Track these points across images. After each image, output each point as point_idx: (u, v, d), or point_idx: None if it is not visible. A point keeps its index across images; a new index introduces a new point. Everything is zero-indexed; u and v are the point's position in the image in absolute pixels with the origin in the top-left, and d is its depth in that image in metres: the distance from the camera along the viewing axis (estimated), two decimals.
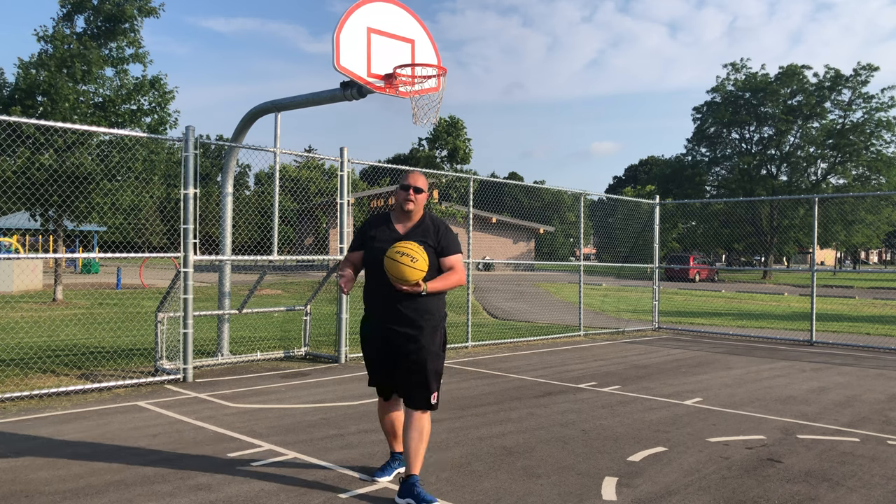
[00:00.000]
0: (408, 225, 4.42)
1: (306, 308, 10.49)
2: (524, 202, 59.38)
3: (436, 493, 4.42)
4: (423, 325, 4.29)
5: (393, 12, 8.53)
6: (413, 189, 4.39)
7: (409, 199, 4.39)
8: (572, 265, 17.13)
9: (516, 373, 9.04)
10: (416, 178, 4.44)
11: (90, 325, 13.25)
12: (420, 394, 4.26)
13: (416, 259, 4.08)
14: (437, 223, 4.45)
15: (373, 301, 4.39)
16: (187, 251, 8.02)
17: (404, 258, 4.07)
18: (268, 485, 4.57)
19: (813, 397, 7.68)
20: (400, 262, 4.07)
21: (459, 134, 58.53)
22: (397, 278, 4.10)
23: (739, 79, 49.22)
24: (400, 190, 4.43)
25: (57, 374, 8.25)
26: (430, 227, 4.42)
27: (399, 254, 4.09)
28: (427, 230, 4.40)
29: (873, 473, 4.97)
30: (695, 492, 4.53)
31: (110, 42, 17.66)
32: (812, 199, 12.86)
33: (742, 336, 13.74)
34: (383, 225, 4.45)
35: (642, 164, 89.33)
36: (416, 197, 4.39)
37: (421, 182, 4.42)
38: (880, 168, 45.20)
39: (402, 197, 4.40)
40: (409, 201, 4.39)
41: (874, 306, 23.16)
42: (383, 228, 4.43)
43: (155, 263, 47.00)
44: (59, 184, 16.29)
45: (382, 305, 4.31)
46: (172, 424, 6.11)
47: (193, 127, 8.11)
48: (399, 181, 4.47)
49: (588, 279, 36.81)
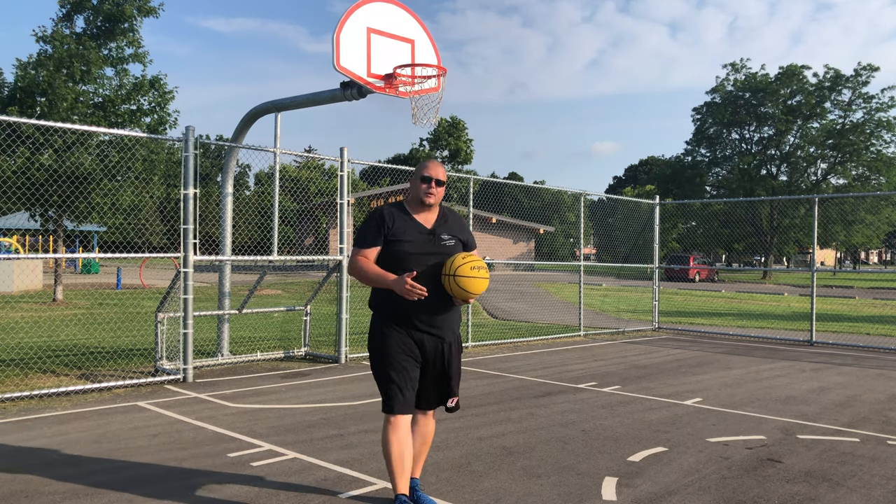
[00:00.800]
0: (431, 219, 4.03)
1: (306, 308, 10.49)
2: (524, 202, 59.38)
3: (436, 494, 4.42)
4: (455, 329, 4.08)
5: (393, 12, 8.53)
6: (435, 182, 3.98)
7: (430, 192, 3.98)
8: (572, 265, 17.11)
9: (516, 373, 9.04)
10: (437, 168, 4.03)
11: (90, 325, 13.25)
12: (446, 397, 4.10)
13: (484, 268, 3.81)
14: (456, 216, 4.16)
15: (406, 305, 3.86)
16: (187, 251, 8.02)
17: (482, 272, 3.77)
18: (268, 485, 4.56)
19: (813, 397, 7.68)
20: (479, 277, 3.77)
21: (461, 135, 58.55)
22: (472, 293, 3.79)
23: (739, 79, 49.25)
24: (419, 182, 4.00)
25: (57, 374, 8.25)
26: (453, 221, 4.11)
27: (475, 269, 3.78)
28: (452, 225, 4.08)
29: (873, 473, 4.97)
30: (695, 492, 4.53)
31: (110, 42, 17.67)
32: (812, 199, 12.86)
33: (742, 336, 13.74)
34: (405, 218, 3.98)
35: (642, 164, 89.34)
36: (437, 190, 4.00)
37: (442, 173, 4.03)
38: (880, 168, 45.23)
39: (423, 190, 3.98)
40: (429, 195, 3.98)
41: (874, 306, 23.16)
42: (407, 222, 3.96)
43: (155, 263, 47.02)
44: (58, 184, 16.30)
45: (421, 310, 3.87)
46: (172, 424, 6.11)
47: (193, 127, 8.11)
48: (418, 171, 4.05)
49: (588, 279, 36.81)
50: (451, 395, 4.12)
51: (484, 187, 32.61)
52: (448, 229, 4.04)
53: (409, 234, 3.92)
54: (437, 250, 3.93)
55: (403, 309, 3.88)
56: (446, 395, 4.12)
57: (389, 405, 3.86)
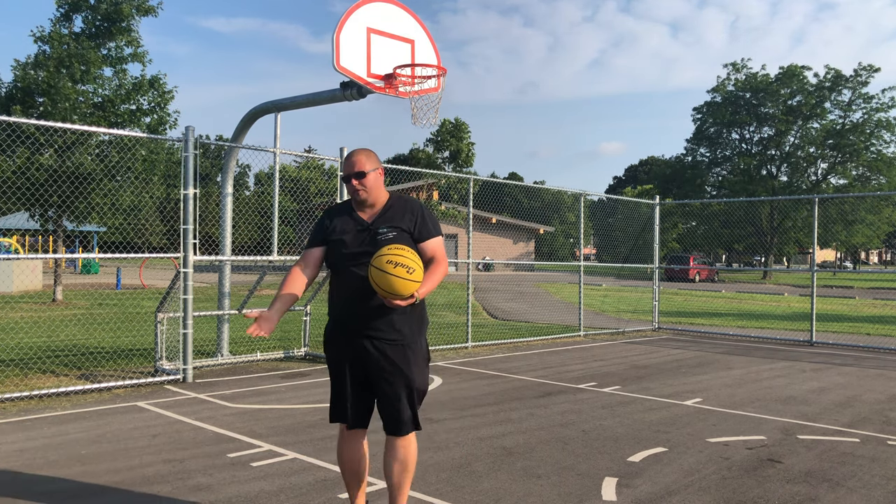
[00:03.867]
0: (372, 212, 3.68)
1: (306, 308, 10.49)
2: (524, 202, 59.39)
3: (436, 494, 4.42)
4: (406, 332, 3.58)
5: (393, 12, 8.53)
6: (354, 177, 3.62)
7: (356, 189, 3.64)
8: (572, 265, 17.12)
9: (516, 373, 9.04)
10: (355, 162, 3.64)
11: (90, 325, 13.24)
12: (404, 415, 3.58)
13: (414, 269, 3.33)
14: (409, 204, 3.70)
15: (342, 308, 3.61)
16: (187, 251, 8.01)
17: (398, 269, 3.30)
18: (268, 485, 4.56)
19: (813, 397, 7.67)
20: (392, 273, 3.29)
21: (463, 136, 58.55)
22: (389, 293, 3.33)
23: (739, 79, 49.27)
24: (343, 183, 3.72)
25: (57, 374, 8.25)
26: (401, 209, 3.66)
27: (391, 264, 3.31)
28: (396, 214, 3.64)
29: (873, 474, 4.97)
30: (695, 492, 4.53)
31: (108, 42, 17.66)
32: (812, 200, 12.86)
33: (742, 336, 13.73)
34: (345, 214, 3.70)
35: (642, 164, 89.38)
36: (363, 183, 3.63)
37: (361, 164, 3.63)
38: (880, 168, 45.26)
39: (350, 189, 3.66)
40: (357, 191, 3.64)
41: (874, 306, 23.15)
42: (345, 218, 3.67)
43: (155, 264, 47.03)
44: (58, 184, 16.29)
45: (356, 312, 3.55)
46: (172, 425, 6.10)
47: (193, 127, 8.11)
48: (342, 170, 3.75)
49: (588, 279, 36.81)
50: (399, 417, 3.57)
51: (484, 187, 32.61)
52: (388, 220, 3.63)
53: (346, 232, 3.63)
54: (372, 248, 3.50)
55: (336, 311, 3.65)
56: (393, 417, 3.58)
57: (330, 414, 3.71)
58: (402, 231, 3.59)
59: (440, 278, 3.61)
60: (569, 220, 62.02)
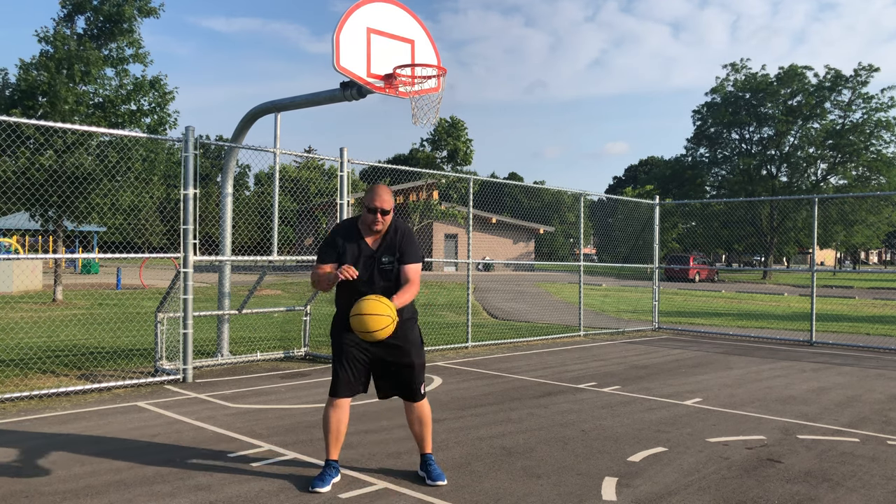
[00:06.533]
0: (377, 238, 4.47)
1: (306, 308, 10.49)
2: (524, 202, 59.40)
3: (436, 493, 4.43)
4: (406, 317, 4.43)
5: (393, 12, 8.53)
6: (380, 212, 4.36)
7: (377, 221, 4.38)
8: (572, 265, 17.13)
9: (516, 373, 9.04)
10: (382, 199, 4.36)
11: (90, 325, 13.25)
12: (415, 387, 4.56)
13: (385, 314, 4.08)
14: (400, 231, 4.47)
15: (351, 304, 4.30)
16: (187, 251, 8.02)
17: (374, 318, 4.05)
18: (268, 485, 4.56)
19: (813, 397, 7.68)
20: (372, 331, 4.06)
21: (460, 135, 58.50)
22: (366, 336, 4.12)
23: (739, 79, 49.25)
24: (367, 213, 4.39)
25: (57, 374, 8.25)
26: (393, 236, 4.45)
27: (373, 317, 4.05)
28: (393, 242, 4.44)
29: (873, 474, 4.97)
30: (695, 492, 4.53)
31: (110, 42, 17.67)
32: (812, 200, 12.86)
33: (742, 336, 13.73)
34: (354, 240, 4.44)
35: (642, 164, 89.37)
36: (383, 219, 4.39)
37: (388, 202, 4.37)
38: (880, 168, 45.25)
39: (370, 220, 4.38)
40: (377, 223, 4.39)
41: (874, 306, 23.16)
42: (353, 246, 4.42)
43: (155, 264, 47.03)
44: (58, 184, 16.29)
45: None
46: (172, 425, 6.11)
47: (193, 127, 8.11)
48: (366, 200, 4.38)
49: (588, 279, 36.82)
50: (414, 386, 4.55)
51: (484, 188, 32.63)
52: (388, 248, 4.43)
53: (355, 258, 4.39)
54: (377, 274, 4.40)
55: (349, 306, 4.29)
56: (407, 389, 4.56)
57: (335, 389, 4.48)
58: (394, 259, 4.43)
59: (410, 297, 4.38)
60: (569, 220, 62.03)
